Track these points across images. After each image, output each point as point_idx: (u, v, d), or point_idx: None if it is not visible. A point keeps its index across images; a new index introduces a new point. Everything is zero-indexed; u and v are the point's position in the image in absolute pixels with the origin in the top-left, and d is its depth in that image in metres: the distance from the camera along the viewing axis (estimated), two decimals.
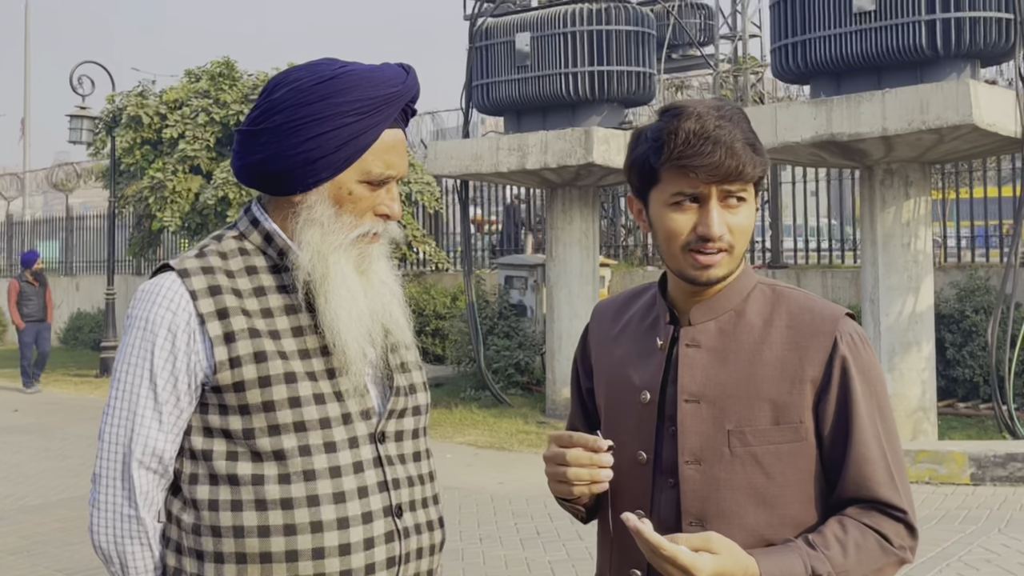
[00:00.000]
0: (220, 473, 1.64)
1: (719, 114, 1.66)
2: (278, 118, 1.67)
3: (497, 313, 12.97)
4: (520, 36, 10.68)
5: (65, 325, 21.33)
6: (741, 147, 1.65)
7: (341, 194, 1.69)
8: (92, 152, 17.66)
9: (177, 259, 1.70)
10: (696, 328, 1.72)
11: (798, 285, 12.16)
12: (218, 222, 14.43)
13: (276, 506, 1.62)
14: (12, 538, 6.83)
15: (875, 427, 1.65)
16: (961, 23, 7.81)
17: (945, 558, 5.87)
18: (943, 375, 10.25)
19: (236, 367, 1.62)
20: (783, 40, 8.59)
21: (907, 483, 1.68)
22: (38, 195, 29.73)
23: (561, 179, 10.87)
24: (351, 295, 1.69)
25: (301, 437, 1.64)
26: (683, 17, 16.36)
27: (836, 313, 1.70)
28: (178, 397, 1.65)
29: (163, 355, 1.64)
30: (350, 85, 1.67)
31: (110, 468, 1.66)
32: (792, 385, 1.65)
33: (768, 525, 1.64)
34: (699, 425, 1.68)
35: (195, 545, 1.64)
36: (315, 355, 1.68)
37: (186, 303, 1.65)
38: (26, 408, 13.26)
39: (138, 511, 1.64)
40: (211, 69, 15.68)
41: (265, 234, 1.73)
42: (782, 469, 1.65)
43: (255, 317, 1.66)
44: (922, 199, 8.59)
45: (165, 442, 1.65)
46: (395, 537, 1.70)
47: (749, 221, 1.69)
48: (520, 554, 6.22)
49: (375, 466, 1.70)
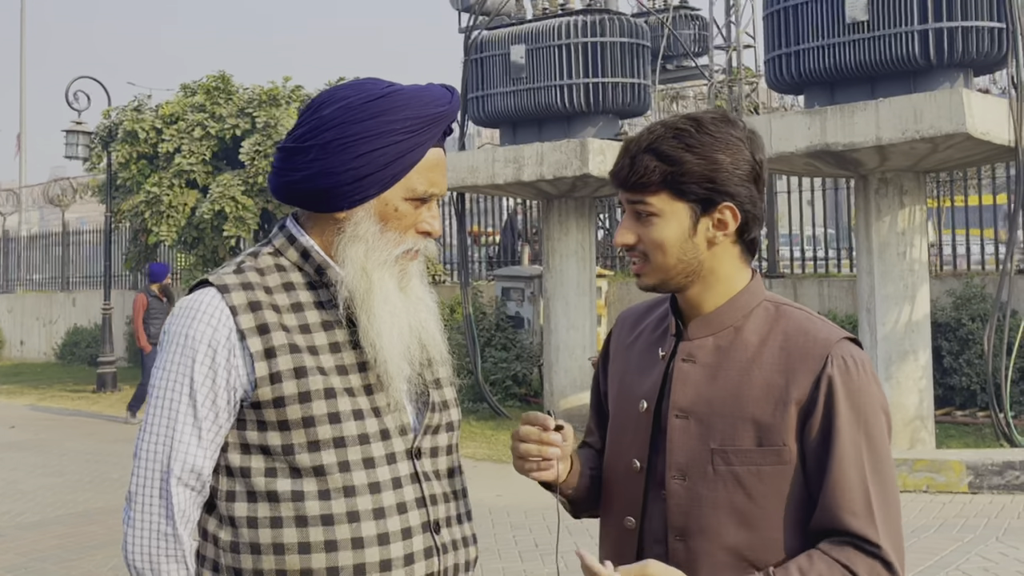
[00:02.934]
0: (259, 490, 1.63)
1: (668, 122, 1.68)
2: (328, 135, 1.67)
3: (494, 325, 12.97)
4: (515, 48, 10.71)
5: (62, 340, 21.30)
6: (642, 155, 1.67)
7: (387, 211, 1.70)
8: (88, 167, 17.67)
9: (215, 275, 1.70)
10: (694, 343, 1.72)
11: (794, 295, 12.19)
12: (214, 236, 14.43)
13: (317, 522, 1.61)
14: (10, 555, 6.80)
15: (858, 454, 1.60)
16: (954, 32, 7.84)
17: (943, 567, 5.87)
18: (940, 383, 10.25)
19: (277, 382, 1.62)
20: (777, 50, 8.62)
21: (893, 516, 1.61)
22: (34, 210, 29.73)
23: (557, 190, 10.89)
24: (392, 311, 1.70)
25: (340, 453, 1.64)
26: (677, 28, 16.41)
27: (832, 336, 1.66)
28: (216, 413, 1.64)
29: (203, 371, 1.64)
30: (400, 104, 1.69)
31: (147, 485, 1.65)
32: (776, 407, 1.63)
33: (749, 546, 1.62)
34: (687, 441, 1.68)
35: (233, 563, 1.64)
36: (352, 371, 1.69)
37: (227, 318, 1.65)
38: (23, 424, 13.22)
39: (176, 529, 1.63)
40: (207, 83, 15.71)
41: (302, 250, 1.74)
42: (764, 491, 1.62)
43: (294, 333, 1.67)
44: (917, 208, 8.61)
45: (204, 459, 1.64)
46: (434, 553, 1.70)
47: (660, 234, 1.68)
48: (519, 567, 6.21)
49: (412, 482, 1.70)
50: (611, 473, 1.81)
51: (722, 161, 1.65)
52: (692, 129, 1.66)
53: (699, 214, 1.67)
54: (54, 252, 24.04)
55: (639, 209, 1.69)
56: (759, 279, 1.76)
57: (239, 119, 14.89)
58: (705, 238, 1.68)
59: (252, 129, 14.78)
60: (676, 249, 1.68)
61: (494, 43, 11.00)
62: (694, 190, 1.65)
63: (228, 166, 15.10)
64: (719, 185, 1.65)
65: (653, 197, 1.67)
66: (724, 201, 1.66)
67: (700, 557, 1.64)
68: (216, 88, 15.57)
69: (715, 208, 1.67)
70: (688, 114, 1.71)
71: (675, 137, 1.66)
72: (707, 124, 1.67)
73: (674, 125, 1.68)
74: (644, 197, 1.68)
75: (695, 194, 1.66)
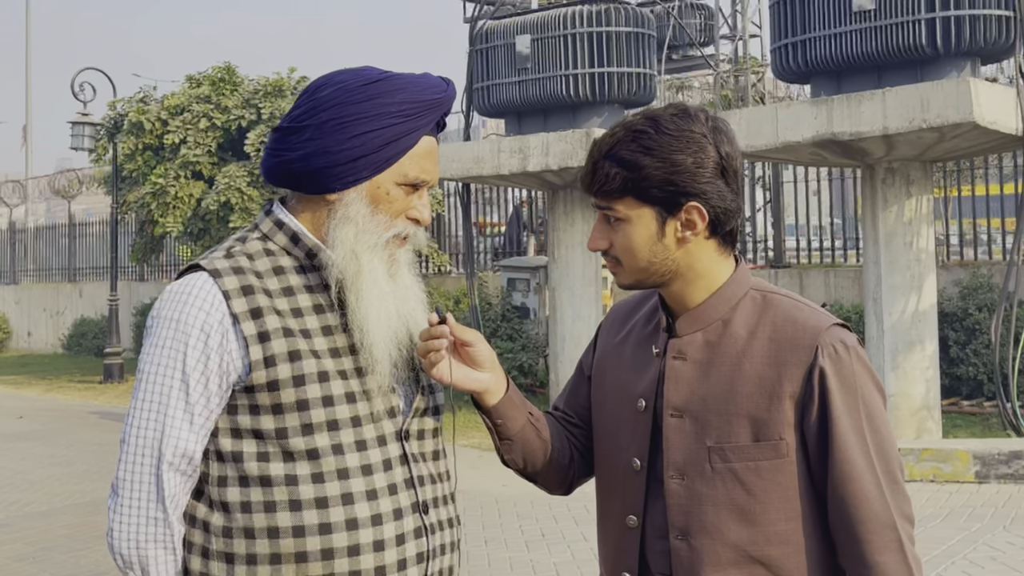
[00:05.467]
0: (251, 475, 1.64)
1: (627, 124, 1.66)
2: (325, 115, 1.69)
3: (500, 315, 12.98)
4: (520, 38, 10.68)
5: (68, 332, 21.35)
6: (603, 162, 1.65)
7: (379, 194, 1.72)
8: (94, 158, 17.69)
9: (206, 259, 1.71)
10: (683, 340, 1.70)
11: (800, 284, 12.16)
12: (220, 227, 14.43)
13: (311, 505, 1.62)
14: (18, 544, 6.83)
15: (861, 438, 1.60)
16: (961, 21, 7.81)
17: (950, 556, 5.87)
18: (947, 373, 10.24)
19: (271, 366, 1.63)
20: (783, 40, 8.59)
21: (901, 491, 1.62)
22: (41, 202, 29.75)
23: (563, 181, 10.87)
24: (380, 295, 1.71)
25: (334, 436, 1.65)
26: (683, 18, 16.35)
27: (820, 324, 1.64)
28: (208, 398, 1.65)
29: (196, 355, 1.64)
30: (397, 88, 1.72)
31: (137, 470, 1.64)
32: (771, 401, 1.62)
33: (751, 542, 1.62)
34: (682, 440, 1.67)
35: (225, 548, 1.64)
36: (344, 354, 1.70)
37: (219, 303, 1.65)
38: (30, 415, 13.27)
39: (167, 514, 1.63)
40: (212, 74, 15.69)
41: (291, 235, 1.75)
42: (763, 486, 1.62)
43: (287, 316, 1.67)
44: (924, 197, 8.59)
45: (195, 443, 1.64)
46: (423, 533, 1.72)
47: (628, 239, 1.66)
48: (525, 556, 6.22)
49: (402, 463, 1.72)
50: (609, 472, 1.79)
51: (682, 162, 1.61)
52: (650, 130, 1.63)
53: (665, 216, 1.65)
54: (60, 243, 24.09)
55: (607, 214, 1.68)
56: (744, 268, 1.73)
57: (244, 110, 14.88)
58: (675, 238, 1.66)
59: (258, 120, 14.77)
60: (646, 252, 1.66)
61: (499, 33, 10.97)
62: (655, 195, 1.63)
63: (234, 157, 15.10)
64: (681, 187, 1.62)
65: (618, 203, 1.66)
66: (689, 201, 1.63)
67: (703, 555, 1.63)
68: (221, 79, 15.56)
69: (680, 209, 1.64)
70: (647, 112, 1.68)
71: (633, 140, 1.63)
72: (665, 123, 1.63)
73: (633, 127, 1.65)
74: (610, 203, 1.66)
75: (657, 197, 1.63)
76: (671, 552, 1.67)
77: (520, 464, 1.83)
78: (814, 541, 1.63)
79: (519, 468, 1.84)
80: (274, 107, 14.62)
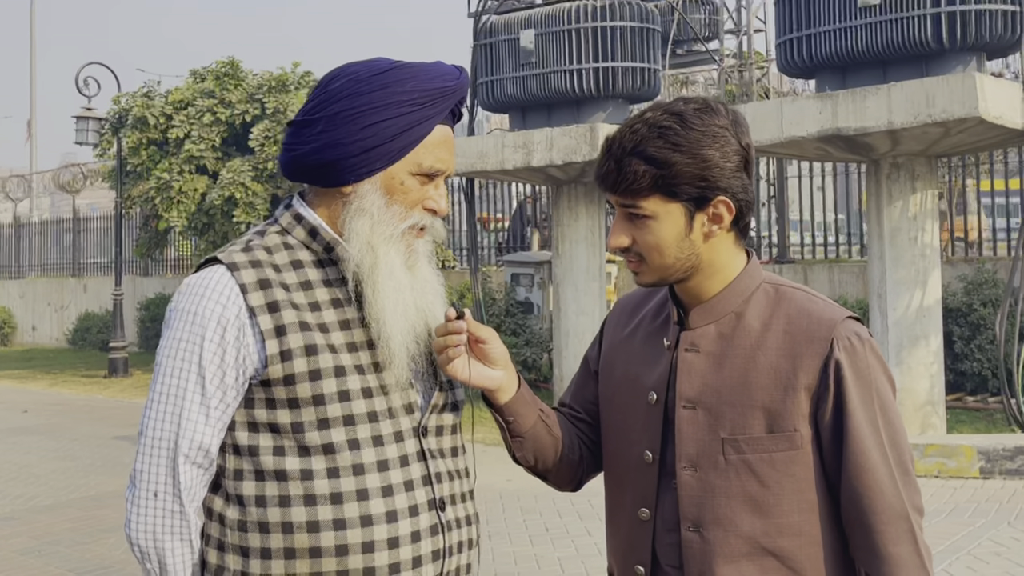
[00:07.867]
0: (267, 468, 1.63)
1: (649, 120, 1.64)
2: (336, 107, 1.69)
3: (504, 310, 12.98)
4: (524, 33, 10.67)
5: (73, 326, 21.39)
6: (628, 159, 1.63)
7: (393, 184, 1.70)
8: (98, 153, 17.69)
9: (224, 252, 1.70)
10: (696, 332, 1.70)
11: (805, 280, 12.15)
12: (224, 222, 14.45)
13: (326, 500, 1.62)
14: (23, 538, 6.85)
15: (875, 430, 1.61)
16: (967, 16, 7.79)
17: (954, 551, 5.86)
18: (951, 369, 10.23)
19: (287, 360, 1.62)
20: (788, 35, 8.57)
21: (913, 483, 1.64)
22: (45, 196, 29.82)
23: (567, 176, 10.87)
24: (397, 287, 1.70)
25: (350, 431, 1.64)
26: (687, 12, 16.33)
27: (835, 316, 1.64)
28: (225, 391, 1.64)
29: (212, 348, 1.63)
30: (408, 76, 1.70)
31: (154, 463, 1.64)
32: (785, 393, 1.62)
33: (764, 533, 1.62)
34: (696, 432, 1.67)
35: (240, 541, 1.64)
36: (362, 348, 1.69)
37: (236, 296, 1.64)
38: (35, 409, 13.30)
39: (183, 506, 1.63)
40: (216, 69, 15.69)
41: (310, 228, 1.74)
42: (777, 478, 1.62)
43: (304, 310, 1.67)
44: (928, 192, 8.57)
45: (212, 436, 1.64)
46: (439, 530, 1.71)
47: (655, 237, 1.65)
48: (529, 550, 6.22)
49: (419, 460, 1.71)
50: (619, 465, 1.79)
51: (712, 157, 1.61)
52: (676, 126, 1.62)
53: (694, 211, 1.64)
54: (65, 238, 24.12)
55: (631, 212, 1.66)
56: (755, 261, 1.74)
57: (248, 105, 14.89)
58: (701, 233, 1.66)
59: (261, 115, 14.78)
60: (673, 248, 1.66)
61: (503, 28, 10.96)
62: (687, 190, 1.63)
63: (238, 152, 15.10)
64: (712, 182, 1.62)
65: (645, 201, 1.64)
66: (718, 196, 1.64)
67: (716, 546, 1.63)
68: (226, 74, 15.56)
69: (709, 204, 1.64)
70: (668, 107, 1.66)
71: (660, 136, 1.62)
72: (691, 118, 1.62)
73: (657, 123, 1.63)
74: (635, 201, 1.65)
75: (688, 194, 1.63)
76: (682, 544, 1.67)
77: (531, 461, 1.83)
78: (826, 532, 1.64)
79: (530, 466, 1.84)
80: (278, 102, 14.62)
